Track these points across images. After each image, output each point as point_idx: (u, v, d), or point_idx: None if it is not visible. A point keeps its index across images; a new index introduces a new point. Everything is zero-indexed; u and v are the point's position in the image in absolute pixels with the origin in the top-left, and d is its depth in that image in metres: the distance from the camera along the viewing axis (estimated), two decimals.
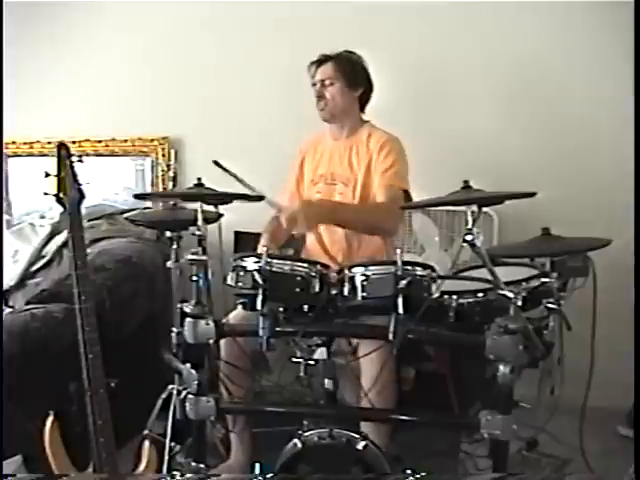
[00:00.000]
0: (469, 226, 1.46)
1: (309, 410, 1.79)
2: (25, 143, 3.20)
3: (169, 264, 1.87)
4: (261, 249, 2.16)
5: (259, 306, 1.53)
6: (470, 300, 1.64)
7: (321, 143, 2.34)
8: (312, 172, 2.32)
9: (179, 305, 1.76)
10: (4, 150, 3.18)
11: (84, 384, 1.69)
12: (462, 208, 1.56)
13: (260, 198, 1.84)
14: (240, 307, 1.86)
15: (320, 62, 2.23)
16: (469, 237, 1.46)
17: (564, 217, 2.23)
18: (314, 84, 2.23)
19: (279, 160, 2.48)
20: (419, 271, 1.58)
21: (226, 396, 1.90)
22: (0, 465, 1.77)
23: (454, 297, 1.64)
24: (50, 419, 1.77)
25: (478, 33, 2.70)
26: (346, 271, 1.62)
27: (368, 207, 2.16)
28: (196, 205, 1.71)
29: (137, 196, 1.96)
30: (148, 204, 2.85)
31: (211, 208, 1.78)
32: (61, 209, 1.73)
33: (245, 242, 2.71)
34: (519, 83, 2.73)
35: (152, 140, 3.09)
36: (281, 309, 1.59)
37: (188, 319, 1.67)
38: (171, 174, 3.06)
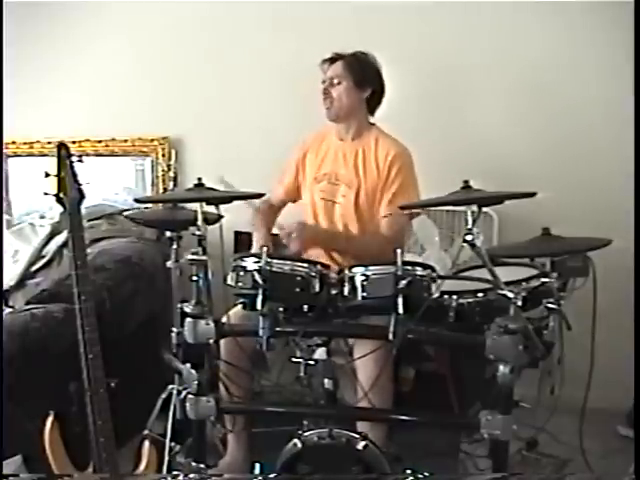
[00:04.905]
0: (469, 226, 1.46)
1: (309, 410, 1.80)
2: (25, 143, 3.19)
3: (169, 264, 1.87)
4: (256, 248, 2.16)
5: (259, 306, 1.53)
6: (470, 300, 1.64)
7: (326, 141, 2.31)
8: (315, 170, 2.30)
9: (179, 305, 1.75)
10: (4, 150, 3.18)
11: (84, 384, 1.69)
12: (462, 208, 1.56)
13: (260, 195, 1.84)
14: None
15: (332, 60, 2.22)
16: (469, 237, 1.46)
17: (564, 217, 2.23)
18: (324, 81, 2.22)
19: (279, 160, 2.48)
20: (419, 271, 1.58)
21: (226, 396, 1.90)
22: (0, 465, 1.77)
23: (454, 297, 1.64)
24: (50, 419, 1.78)
25: (478, 34, 2.70)
26: (346, 271, 1.63)
27: (370, 241, 2.15)
28: (196, 205, 1.71)
29: (138, 200, 1.97)
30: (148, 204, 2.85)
31: (211, 208, 1.78)
32: (61, 209, 1.73)
33: (245, 242, 2.71)
34: (520, 83, 2.73)
35: (152, 140, 3.09)
36: (281, 309, 1.59)
37: (188, 319, 1.67)
38: (171, 174, 3.05)
